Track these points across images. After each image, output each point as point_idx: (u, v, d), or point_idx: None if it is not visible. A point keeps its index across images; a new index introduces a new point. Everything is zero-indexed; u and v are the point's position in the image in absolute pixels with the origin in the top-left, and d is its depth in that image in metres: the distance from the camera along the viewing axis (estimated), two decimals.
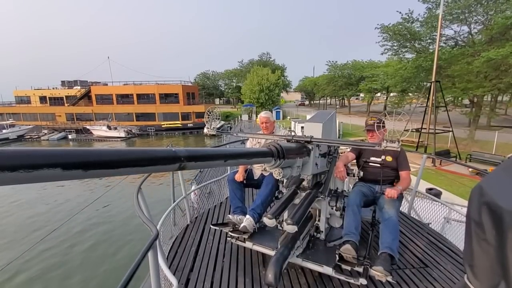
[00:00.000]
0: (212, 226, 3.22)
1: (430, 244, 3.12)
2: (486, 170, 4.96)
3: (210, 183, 4.95)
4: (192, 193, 4.85)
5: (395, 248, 2.36)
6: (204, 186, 4.92)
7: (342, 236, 2.48)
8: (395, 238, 2.41)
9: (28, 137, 34.50)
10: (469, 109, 19.41)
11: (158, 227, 2.55)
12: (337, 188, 2.85)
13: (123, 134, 33.01)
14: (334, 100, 60.66)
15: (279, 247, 2.24)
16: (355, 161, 3.11)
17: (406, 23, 18.09)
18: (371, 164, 2.94)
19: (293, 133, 2.30)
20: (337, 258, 2.32)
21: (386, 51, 20.77)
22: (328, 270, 2.33)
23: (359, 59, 40.14)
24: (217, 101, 66.85)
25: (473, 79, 16.00)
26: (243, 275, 2.54)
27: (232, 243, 2.88)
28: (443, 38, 18.02)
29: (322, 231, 2.74)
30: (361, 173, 2.77)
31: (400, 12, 17.95)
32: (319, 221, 2.76)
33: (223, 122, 37.94)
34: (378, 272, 2.16)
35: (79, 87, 42.96)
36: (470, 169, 11.09)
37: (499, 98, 24.31)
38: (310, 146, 2.12)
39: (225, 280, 2.47)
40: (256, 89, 39.91)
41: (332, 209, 2.61)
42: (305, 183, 2.30)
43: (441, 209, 4.00)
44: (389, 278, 2.16)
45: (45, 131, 36.28)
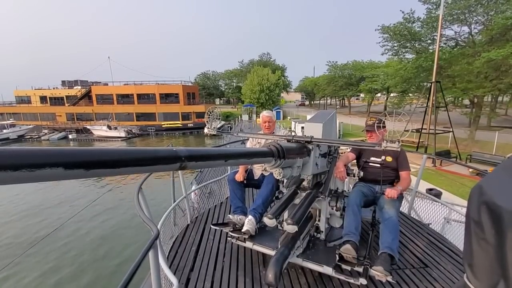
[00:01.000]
0: (212, 226, 3.22)
1: (430, 244, 3.12)
2: (486, 170, 4.96)
3: (210, 183, 4.95)
4: (193, 193, 4.86)
5: (395, 248, 2.36)
6: (204, 186, 4.93)
7: (342, 236, 2.49)
8: (395, 238, 2.41)
9: (29, 137, 34.54)
10: (470, 110, 19.41)
11: (158, 227, 2.55)
12: (337, 188, 2.85)
13: (123, 134, 33.03)
14: (334, 100, 60.70)
15: (279, 247, 2.24)
16: (355, 161, 3.11)
17: (407, 23, 18.11)
18: (371, 164, 2.94)
19: (293, 133, 2.31)
20: (337, 258, 2.33)
21: (387, 51, 20.79)
22: (328, 270, 2.33)
23: (359, 59, 40.24)
24: (217, 101, 66.82)
25: (474, 79, 16.00)
26: (244, 275, 2.54)
27: (232, 243, 2.88)
28: (443, 39, 18.02)
29: (322, 231, 2.74)
30: (361, 173, 2.77)
31: (403, 12, 17.99)
32: (319, 221, 2.76)
33: (223, 122, 37.95)
34: (378, 272, 2.16)
35: (79, 87, 43.00)
36: (470, 170, 11.09)
37: (500, 99, 24.33)
38: (310, 146, 2.12)
39: (225, 280, 2.47)
40: (257, 89, 39.93)
41: (332, 209, 2.62)
42: (305, 183, 2.30)
43: (441, 210, 4.00)
44: (389, 278, 2.16)
45: (46, 131, 36.32)
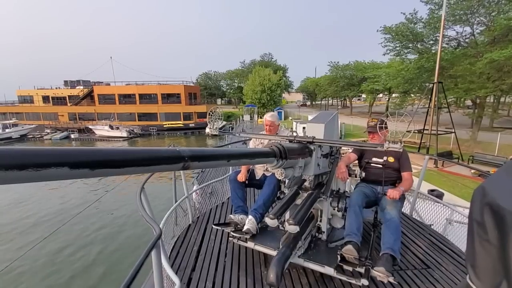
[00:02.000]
0: (214, 226, 3.23)
1: (432, 245, 3.11)
2: (488, 171, 4.95)
3: (212, 183, 4.96)
4: (194, 193, 4.86)
5: (397, 249, 2.36)
6: (206, 186, 4.94)
7: (344, 237, 2.48)
8: (397, 239, 2.40)
9: (31, 136, 34.69)
10: (472, 110, 19.34)
11: (160, 226, 2.56)
12: (339, 189, 2.85)
13: (125, 134, 33.15)
14: (336, 101, 60.62)
15: (280, 247, 2.24)
16: (357, 162, 3.11)
17: (409, 23, 18.07)
18: (373, 165, 2.94)
19: (295, 134, 2.31)
20: (339, 258, 2.32)
21: (389, 51, 20.74)
22: (329, 271, 2.33)
23: (361, 59, 40.19)
24: (218, 101, 66.89)
25: (476, 80, 15.94)
26: (245, 275, 2.54)
27: (234, 243, 2.89)
28: (446, 39, 17.97)
29: (324, 232, 2.74)
30: (363, 173, 2.77)
31: (404, 13, 17.96)
32: (321, 221, 2.76)
33: (225, 123, 38.00)
34: (379, 273, 2.15)
35: (81, 87, 43.09)
36: (473, 171, 11.05)
37: (502, 99, 24.19)
38: (312, 147, 2.12)
39: (227, 280, 2.47)
40: (258, 89, 39.96)
41: (334, 209, 2.61)
42: (307, 184, 2.29)
43: (443, 211, 3.98)
44: (391, 279, 2.15)
45: (48, 130, 36.50)
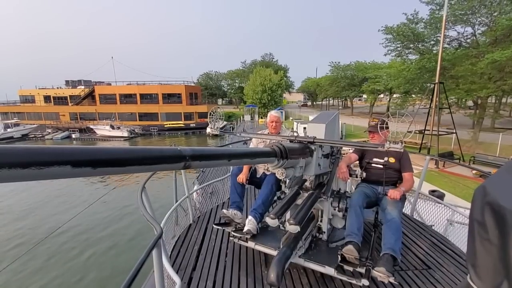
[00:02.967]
0: (214, 226, 3.23)
1: (433, 246, 3.11)
2: (489, 172, 4.93)
3: (212, 182, 4.96)
4: (195, 192, 4.87)
5: (398, 249, 2.35)
6: (206, 185, 4.94)
7: (345, 237, 2.48)
8: (397, 239, 2.40)
9: (32, 136, 34.80)
10: (473, 111, 19.28)
11: (161, 226, 2.56)
12: (339, 189, 2.84)
13: (126, 134, 33.21)
14: (337, 101, 60.55)
15: (281, 247, 2.24)
16: (358, 162, 3.11)
17: (410, 23, 18.04)
18: (374, 165, 2.94)
19: (296, 134, 2.31)
20: (339, 258, 2.32)
21: (390, 52, 20.72)
22: (330, 271, 2.33)
23: (362, 60, 40.15)
24: (219, 101, 66.83)
25: (477, 80, 15.91)
26: (245, 274, 2.54)
27: (234, 242, 2.89)
28: (447, 39, 17.94)
29: (325, 232, 2.74)
30: (364, 174, 2.76)
31: (405, 14, 17.93)
32: (321, 221, 2.76)
33: (225, 123, 38.02)
34: (380, 273, 2.15)
35: (83, 86, 43.19)
36: (474, 171, 11.04)
37: (503, 100, 24.12)
38: (313, 147, 2.12)
39: (227, 280, 2.48)
40: (259, 89, 39.95)
41: (335, 209, 2.61)
42: (307, 184, 2.29)
43: (444, 211, 3.98)
44: (391, 279, 2.15)
45: (49, 130, 36.60)
